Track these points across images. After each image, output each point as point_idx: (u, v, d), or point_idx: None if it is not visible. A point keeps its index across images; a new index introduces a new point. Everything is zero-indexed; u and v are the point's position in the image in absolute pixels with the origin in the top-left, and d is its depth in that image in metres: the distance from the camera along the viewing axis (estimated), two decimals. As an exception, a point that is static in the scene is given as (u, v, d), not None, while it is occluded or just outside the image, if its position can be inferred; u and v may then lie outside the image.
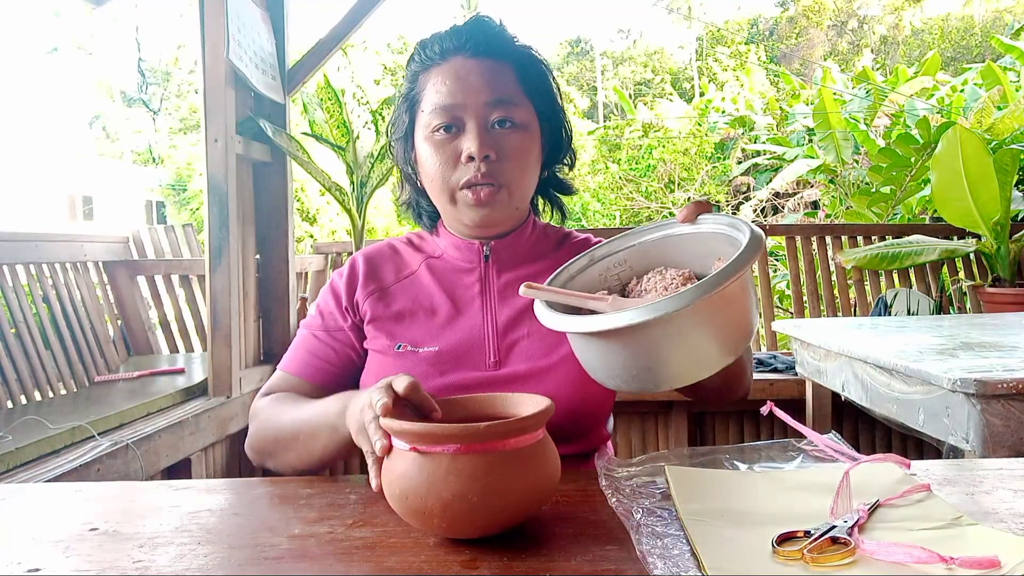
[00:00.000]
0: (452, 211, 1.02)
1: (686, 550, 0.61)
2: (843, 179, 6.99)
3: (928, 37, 19.82)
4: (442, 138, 0.98)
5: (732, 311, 0.72)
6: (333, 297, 1.08)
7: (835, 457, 0.83)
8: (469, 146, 0.96)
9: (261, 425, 0.99)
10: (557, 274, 0.89)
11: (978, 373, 1.31)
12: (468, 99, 0.97)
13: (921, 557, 0.55)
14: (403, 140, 1.06)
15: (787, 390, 2.66)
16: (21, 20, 22.68)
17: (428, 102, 1.00)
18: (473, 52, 0.99)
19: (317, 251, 3.72)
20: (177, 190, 16.09)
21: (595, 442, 1.05)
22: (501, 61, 1.01)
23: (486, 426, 0.63)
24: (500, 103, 0.98)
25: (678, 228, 0.85)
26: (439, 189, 1.00)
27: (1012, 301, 3.15)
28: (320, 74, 3.09)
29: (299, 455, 0.93)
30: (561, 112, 1.08)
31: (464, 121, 0.98)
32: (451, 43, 1.00)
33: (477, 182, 0.97)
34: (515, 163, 0.99)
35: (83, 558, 0.65)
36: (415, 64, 1.04)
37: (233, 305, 2.49)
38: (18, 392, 2.31)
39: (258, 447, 1.00)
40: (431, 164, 1.00)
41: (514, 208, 1.02)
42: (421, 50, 1.03)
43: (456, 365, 0.99)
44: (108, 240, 3.15)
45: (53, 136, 17.53)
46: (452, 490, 0.62)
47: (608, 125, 13.70)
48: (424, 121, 1.00)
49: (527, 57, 1.04)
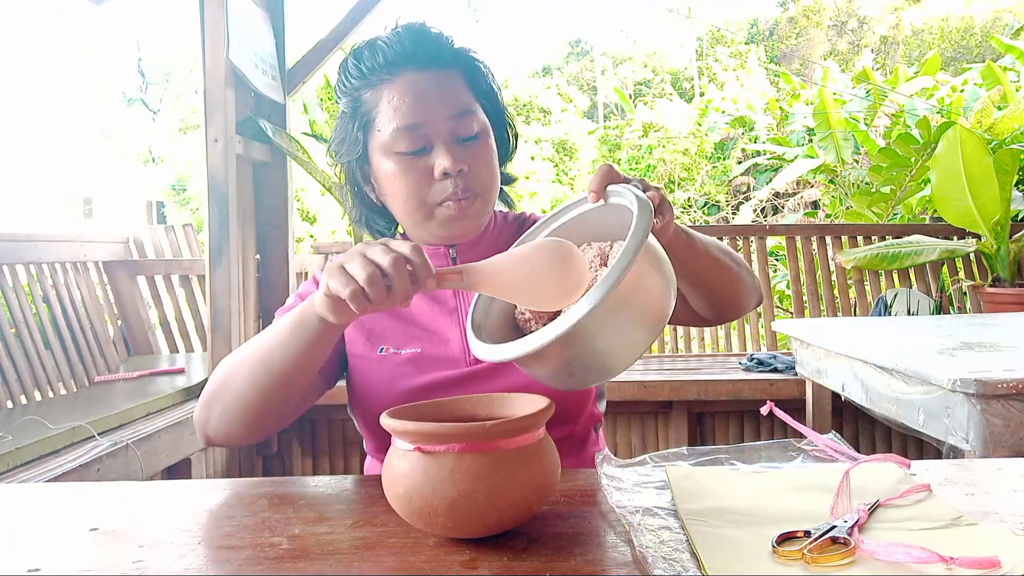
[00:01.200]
0: (425, 225, 1.00)
1: (686, 550, 0.61)
2: (843, 179, 6.99)
3: (928, 37, 19.81)
4: (409, 158, 0.96)
5: (637, 298, 0.71)
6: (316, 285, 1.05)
7: (835, 457, 0.83)
8: (443, 163, 0.94)
9: (212, 376, 0.93)
10: None
11: (978, 373, 1.31)
12: (430, 116, 0.95)
13: (921, 557, 0.55)
14: (355, 160, 1.02)
15: (787, 390, 2.66)
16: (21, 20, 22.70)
17: (386, 122, 0.96)
18: (423, 64, 0.97)
19: (317, 251, 3.72)
20: (177, 190, 16.09)
21: (588, 422, 1.05)
22: (449, 70, 0.99)
23: (491, 424, 0.64)
24: (461, 115, 0.97)
25: (590, 204, 0.84)
26: (413, 208, 0.98)
27: (1012, 301, 3.15)
28: (320, 74, 3.09)
29: (250, 379, 0.87)
30: (504, 110, 1.08)
31: (430, 138, 0.96)
32: (395, 55, 0.96)
33: (456, 197, 0.96)
34: (486, 172, 0.99)
35: (83, 558, 0.65)
36: (354, 80, 0.99)
37: (233, 305, 2.49)
38: (18, 392, 2.31)
39: (205, 396, 0.92)
40: (401, 185, 0.97)
41: (487, 214, 1.03)
42: (358, 63, 0.99)
43: (435, 365, 1.00)
44: (108, 240, 3.16)
45: (53, 136, 17.52)
46: (457, 489, 0.62)
47: (608, 125, 13.71)
48: (383, 141, 0.97)
49: (469, 60, 1.03)
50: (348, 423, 2.89)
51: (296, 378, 0.87)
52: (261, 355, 0.86)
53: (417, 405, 0.76)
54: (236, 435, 0.92)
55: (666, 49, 25.51)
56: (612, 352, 0.73)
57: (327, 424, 2.93)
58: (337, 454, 2.95)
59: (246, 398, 0.88)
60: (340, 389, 1.10)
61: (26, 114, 18.20)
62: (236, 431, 0.91)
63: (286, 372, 0.85)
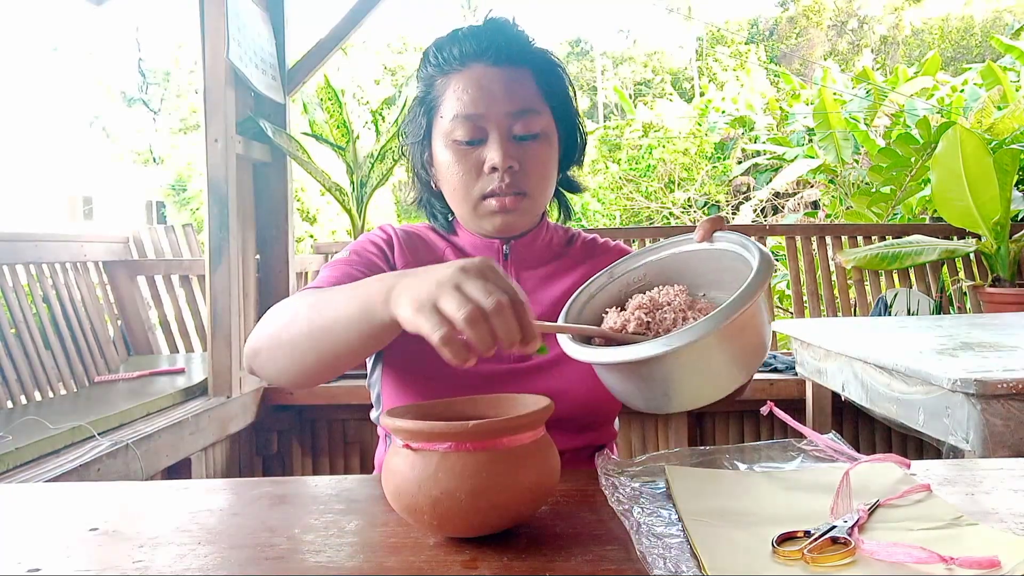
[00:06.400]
0: (473, 217, 1.02)
1: (686, 550, 0.61)
2: (843, 179, 6.98)
3: (928, 37, 19.81)
4: (464, 147, 0.98)
5: (745, 336, 0.74)
6: (375, 247, 1.05)
7: (835, 457, 0.83)
8: (493, 157, 0.96)
9: (269, 314, 0.88)
10: (579, 292, 0.90)
11: (978, 373, 1.31)
12: (490, 109, 0.97)
13: (921, 557, 0.55)
14: (419, 143, 1.05)
15: (787, 390, 2.66)
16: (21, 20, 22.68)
17: (448, 109, 0.99)
18: (495, 59, 0.99)
19: (317, 251, 3.72)
20: (177, 190, 16.09)
21: (604, 437, 1.06)
22: (521, 68, 1.00)
23: (474, 424, 0.63)
24: (522, 113, 0.98)
25: (694, 245, 0.87)
26: (461, 198, 1.01)
27: (1012, 301, 3.15)
28: (320, 74, 3.09)
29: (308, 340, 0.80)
30: (576, 114, 1.09)
31: (487, 131, 0.98)
32: (471, 48, 0.99)
33: (501, 192, 0.97)
34: (537, 173, 1.00)
35: (83, 558, 0.65)
36: (431, 67, 1.03)
37: (233, 305, 2.49)
38: (18, 392, 2.31)
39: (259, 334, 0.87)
40: (453, 173, 0.99)
41: (535, 215, 1.04)
42: (438, 52, 1.02)
43: None
44: (108, 240, 3.15)
45: (53, 136, 17.52)
46: (440, 488, 0.62)
47: (608, 125, 13.69)
48: (444, 128, 1.00)
49: (545, 62, 1.04)
50: (348, 423, 2.90)
51: (353, 355, 0.81)
52: (323, 323, 0.79)
53: (429, 404, 0.76)
54: (280, 380, 0.87)
55: (666, 49, 25.51)
56: (707, 381, 0.74)
57: (327, 424, 2.93)
58: (337, 454, 2.94)
59: (301, 355, 0.82)
60: (340, 389, 1.10)
61: (26, 114, 18.20)
62: (280, 377, 0.87)
63: (343, 349, 0.79)
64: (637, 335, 0.80)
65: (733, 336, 0.72)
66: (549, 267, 1.08)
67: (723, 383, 0.75)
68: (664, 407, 0.75)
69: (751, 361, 0.76)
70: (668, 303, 0.83)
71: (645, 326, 0.81)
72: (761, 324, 0.76)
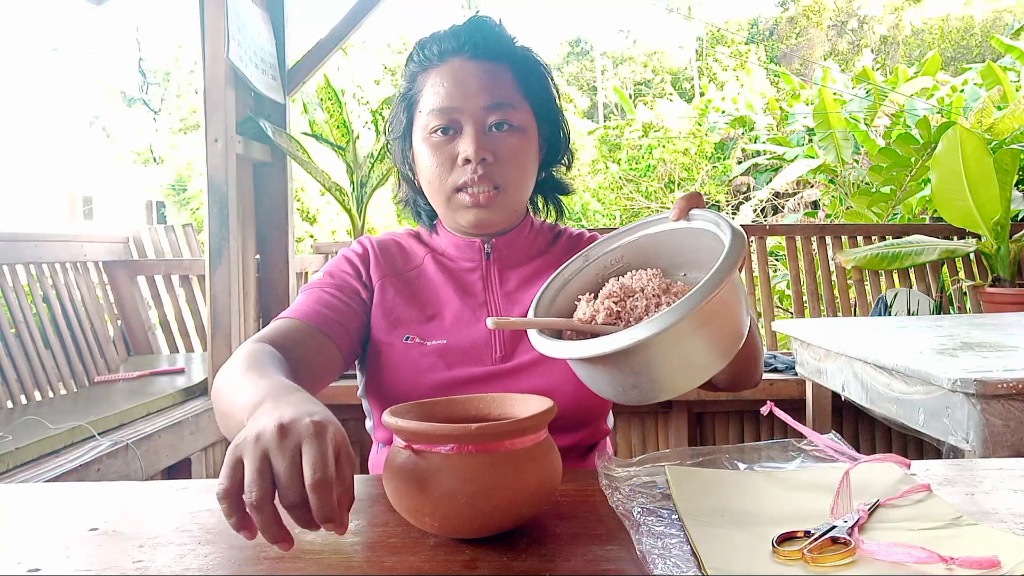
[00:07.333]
0: (449, 212, 1.03)
1: (686, 550, 0.61)
2: (843, 179, 6.98)
3: (928, 37, 19.81)
4: (439, 140, 0.99)
5: (718, 320, 0.71)
6: (349, 265, 1.06)
7: (835, 457, 0.83)
8: (466, 149, 0.96)
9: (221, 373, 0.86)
10: (553, 279, 0.88)
11: (978, 373, 1.31)
12: (466, 102, 0.97)
13: (921, 557, 0.55)
14: (401, 139, 1.06)
15: (787, 390, 2.66)
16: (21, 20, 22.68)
17: (426, 103, 1.00)
18: (472, 54, 0.99)
19: (317, 251, 3.72)
20: (177, 190, 16.08)
21: (596, 436, 1.05)
22: (499, 63, 1.01)
23: (477, 427, 0.63)
24: (498, 106, 0.98)
25: (670, 224, 0.85)
26: (436, 190, 1.01)
27: (1012, 301, 3.15)
28: (320, 74, 3.09)
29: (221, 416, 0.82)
30: (559, 114, 1.09)
31: (461, 124, 0.98)
32: (450, 44, 1.00)
33: (474, 184, 0.97)
34: (512, 166, 0.99)
35: (83, 558, 0.65)
36: (413, 64, 1.04)
37: (233, 305, 2.49)
38: (18, 392, 2.31)
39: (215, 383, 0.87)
40: (428, 165, 1.00)
41: (511, 210, 1.03)
42: (420, 50, 1.03)
43: (463, 359, 0.99)
44: (108, 240, 3.16)
45: (53, 136, 17.52)
46: (442, 490, 0.62)
47: (608, 125, 13.69)
48: (422, 122, 1.01)
49: (526, 59, 1.04)
50: (348, 423, 2.88)
51: None
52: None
53: (431, 402, 0.76)
54: None
55: (666, 49, 25.52)
56: (683, 369, 0.71)
57: (327, 424, 2.93)
58: (337, 454, 2.94)
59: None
60: (340, 389, 1.11)
61: (26, 114, 18.20)
62: None
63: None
64: (607, 326, 0.78)
65: (705, 321, 0.69)
66: (533, 264, 1.07)
67: (699, 372, 0.72)
68: (638, 399, 0.73)
69: (728, 346, 0.73)
70: (641, 289, 0.81)
71: (615, 316, 0.79)
72: (735, 306, 0.73)
